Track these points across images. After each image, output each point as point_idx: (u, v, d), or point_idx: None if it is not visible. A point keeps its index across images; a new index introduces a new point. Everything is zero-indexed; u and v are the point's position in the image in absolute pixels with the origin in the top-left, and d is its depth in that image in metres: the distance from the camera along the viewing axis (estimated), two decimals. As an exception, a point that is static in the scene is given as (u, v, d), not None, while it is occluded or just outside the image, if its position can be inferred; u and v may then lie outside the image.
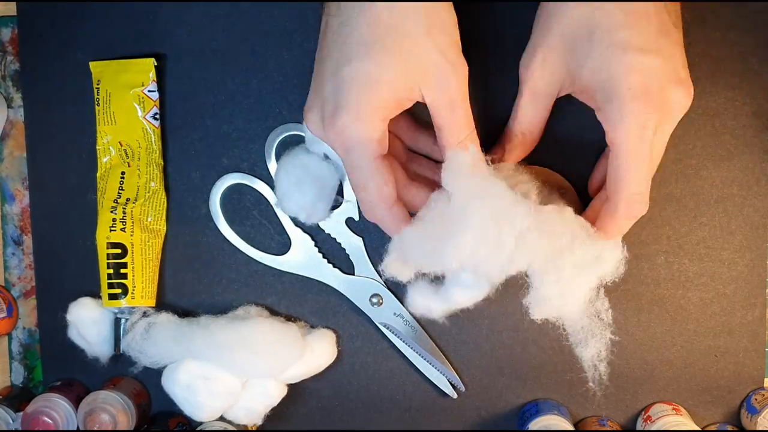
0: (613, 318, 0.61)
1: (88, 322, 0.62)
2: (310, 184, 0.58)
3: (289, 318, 0.63)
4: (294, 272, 0.63)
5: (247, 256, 0.63)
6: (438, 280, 0.57)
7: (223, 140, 0.63)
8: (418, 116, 0.58)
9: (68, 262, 0.64)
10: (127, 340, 0.60)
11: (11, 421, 0.61)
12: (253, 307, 0.63)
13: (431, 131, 0.52)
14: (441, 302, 0.58)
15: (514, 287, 0.54)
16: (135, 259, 0.60)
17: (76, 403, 0.62)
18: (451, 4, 0.49)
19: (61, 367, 0.65)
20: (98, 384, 0.64)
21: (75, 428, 0.61)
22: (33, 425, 0.61)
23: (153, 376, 0.61)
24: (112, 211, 0.60)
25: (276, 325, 0.61)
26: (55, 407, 0.61)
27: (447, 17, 0.49)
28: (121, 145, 0.61)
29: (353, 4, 0.47)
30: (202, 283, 0.64)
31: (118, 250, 0.60)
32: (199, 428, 0.62)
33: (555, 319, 0.53)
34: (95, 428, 0.60)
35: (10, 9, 0.63)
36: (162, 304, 0.63)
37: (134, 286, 0.60)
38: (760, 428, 0.60)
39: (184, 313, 0.63)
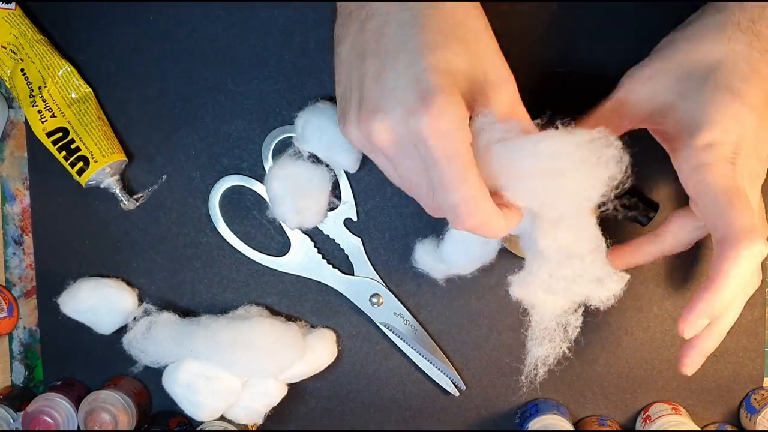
0: (613, 318, 0.61)
1: (83, 297, 0.62)
2: (299, 192, 0.59)
3: (290, 318, 0.63)
4: (294, 273, 0.63)
5: (247, 256, 0.63)
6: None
7: (223, 140, 0.63)
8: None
9: (68, 262, 0.64)
10: (129, 338, 0.61)
11: (12, 421, 0.61)
12: (253, 307, 0.63)
13: None
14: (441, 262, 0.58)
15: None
16: (78, 131, 0.61)
17: (76, 402, 0.62)
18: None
19: (62, 367, 0.65)
20: (99, 384, 0.64)
21: (75, 428, 0.62)
22: (34, 425, 0.61)
23: (153, 375, 0.61)
24: (33, 105, 0.61)
25: (276, 325, 0.61)
26: (56, 407, 0.61)
27: (488, 22, 0.49)
28: (4, 48, 0.61)
29: (404, 11, 0.46)
30: (202, 283, 0.64)
31: (60, 134, 0.60)
32: (199, 428, 0.62)
33: (526, 305, 0.51)
34: (96, 428, 0.60)
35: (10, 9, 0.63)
36: (162, 304, 0.63)
37: (90, 152, 0.60)
38: (760, 428, 0.60)
39: (185, 313, 0.63)
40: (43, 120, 0.60)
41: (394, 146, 0.45)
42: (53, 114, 0.60)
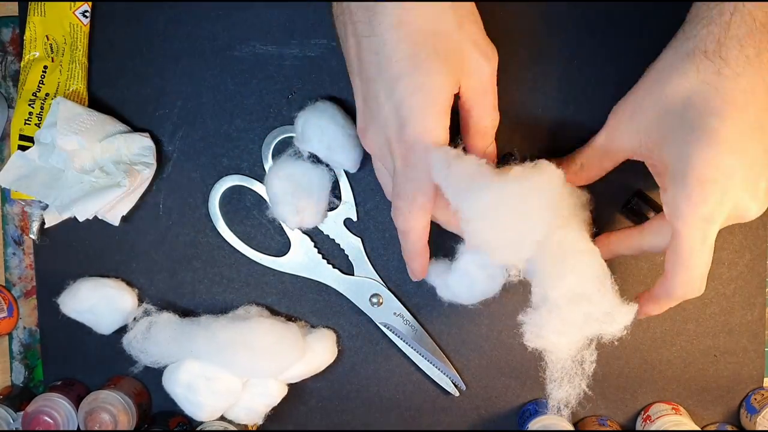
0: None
1: (83, 297, 0.62)
2: (299, 192, 0.59)
3: (290, 318, 0.63)
4: (294, 273, 0.63)
5: (247, 256, 0.63)
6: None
7: (223, 140, 0.63)
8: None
9: (69, 262, 0.64)
10: (128, 338, 0.61)
11: (12, 421, 0.61)
12: (253, 307, 0.63)
13: None
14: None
15: (514, 287, 0.54)
16: None
17: (76, 402, 0.62)
18: None
19: (62, 367, 0.65)
20: (99, 384, 0.64)
21: (75, 428, 0.62)
22: (33, 425, 0.61)
23: (154, 375, 0.61)
24: (29, 104, 0.60)
25: (276, 325, 0.61)
26: (56, 407, 0.61)
27: (471, 7, 0.50)
28: (47, 38, 0.61)
29: (385, 19, 0.47)
30: (202, 283, 0.64)
31: (30, 144, 0.60)
32: (199, 428, 0.62)
33: (542, 350, 0.52)
34: (96, 428, 0.60)
35: (11, 9, 0.63)
36: (162, 304, 0.63)
37: None
38: (760, 428, 0.60)
39: (185, 313, 0.63)
40: (27, 122, 0.60)
41: (379, 158, 0.53)
42: (39, 124, 0.60)
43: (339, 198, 0.62)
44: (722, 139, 0.46)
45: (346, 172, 0.62)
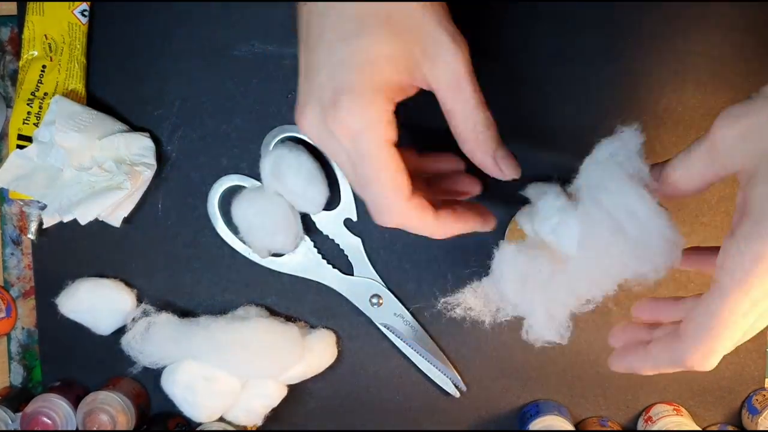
0: (614, 319, 0.61)
1: (82, 297, 0.62)
2: (267, 225, 0.59)
3: (289, 318, 0.63)
4: (294, 273, 0.63)
5: (246, 257, 0.63)
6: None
7: (223, 140, 0.63)
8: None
9: (68, 263, 0.64)
10: (127, 339, 0.60)
11: (10, 422, 0.61)
12: (253, 308, 0.63)
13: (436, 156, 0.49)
14: None
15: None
16: None
17: (75, 403, 0.62)
18: None
19: (61, 368, 0.65)
20: (97, 384, 0.64)
21: (74, 429, 0.61)
22: (32, 425, 0.61)
23: (152, 376, 0.61)
24: (28, 104, 0.60)
25: (276, 326, 0.60)
26: (55, 407, 0.61)
27: None
28: (46, 37, 0.61)
29: None
30: (201, 283, 0.64)
31: (29, 144, 0.60)
32: (198, 429, 0.62)
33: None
34: (94, 428, 0.60)
35: (10, 9, 0.63)
36: (161, 305, 0.63)
37: None
38: (761, 429, 0.60)
39: (184, 313, 0.63)
40: (25, 122, 0.60)
41: (320, 141, 0.45)
42: (37, 123, 0.60)
43: (339, 198, 0.62)
44: None
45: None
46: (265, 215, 0.59)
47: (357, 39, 0.42)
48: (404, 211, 0.45)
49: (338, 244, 0.62)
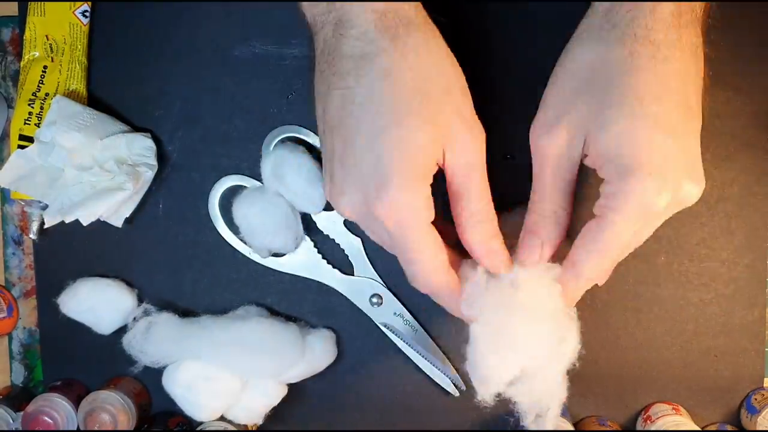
0: (612, 317, 0.61)
1: (83, 297, 0.62)
2: (267, 226, 0.59)
3: (290, 318, 0.63)
4: (294, 273, 0.63)
5: (247, 256, 0.63)
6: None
7: (224, 140, 0.63)
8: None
9: (69, 262, 0.64)
10: (128, 338, 0.61)
11: (11, 421, 0.61)
12: (253, 307, 0.63)
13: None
14: None
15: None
16: None
17: (76, 402, 0.62)
18: (459, 67, 0.48)
19: (62, 367, 0.65)
20: (98, 384, 0.64)
21: (75, 428, 0.62)
22: (33, 425, 0.61)
23: (153, 375, 0.61)
24: (29, 104, 0.60)
25: (276, 325, 0.61)
26: (56, 407, 0.61)
27: (460, 77, 0.48)
28: (47, 38, 0.61)
29: (372, 71, 0.45)
30: (202, 283, 0.64)
31: (29, 143, 0.60)
32: (199, 428, 0.62)
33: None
34: (95, 428, 0.60)
35: (12, 10, 0.63)
36: (162, 304, 0.63)
37: None
38: (760, 428, 0.60)
39: (184, 313, 0.63)
40: (27, 122, 0.60)
41: (360, 221, 0.49)
42: (38, 124, 0.60)
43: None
44: (663, 125, 0.44)
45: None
46: (266, 215, 0.59)
47: (396, 130, 0.45)
48: (440, 285, 0.49)
49: (338, 244, 0.62)
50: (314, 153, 0.60)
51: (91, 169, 0.59)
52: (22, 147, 0.59)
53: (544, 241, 0.49)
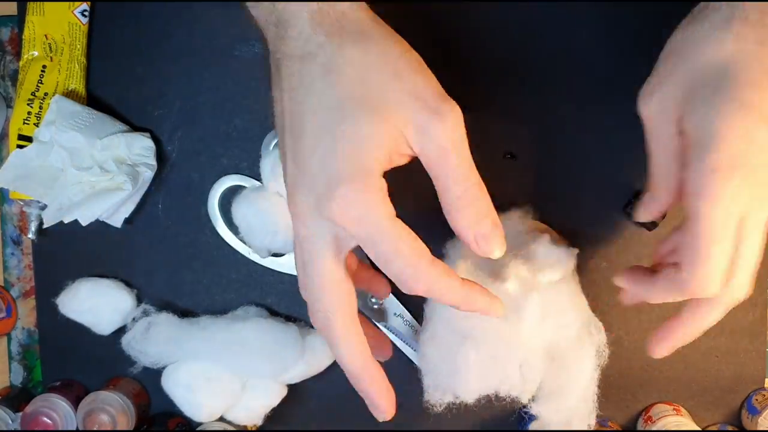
0: (614, 318, 0.61)
1: (82, 297, 0.62)
2: (266, 225, 0.59)
3: (289, 318, 0.63)
4: (294, 273, 0.63)
5: (246, 257, 0.63)
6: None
7: (223, 140, 0.63)
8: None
9: (68, 262, 0.64)
10: (128, 339, 0.61)
11: (10, 422, 0.61)
12: (253, 308, 0.63)
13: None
14: None
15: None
16: None
17: (75, 403, 0.62)
18: (411, 48, 0.45)
19: (61, 368, 0.65)
20: (98, 384, 0.64)
21: (74, 429, 0.61)
22: (32, 425, 0.61)
23: (153, 376, 0.61)
24: (28, 104, 0.60)
25: (276, 326, 0.60)
26: (55, 407, 0.61)
27: (412, 59, 0.44)
28: (46, 38, 0.61)
29: (313, 69, 0.43)
30: (201, 284, 0.64)
31: (28, 143, 0.59)
32: (198, 429, 0.62)
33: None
34: (95, 429, 0.60)
35: (11, 9, 0.63)
36: (161, 305, 0.63)
37: None
38: (761, 429, 0.60)
39: (184, 313, 0.63)
40: (26, 122, 0.60)
41: (314, 226, 0.45)
42: (37, 123, 0.60)
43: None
44: (758, 112, 0.42)
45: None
46: (266, 215, 0.59)
47: (339, 125, 0.43)
48: (431, 275, 0.44)
49: (338, 244, 0.62)
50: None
51: (90, 169, 0.59)
52: (21, 147, 0.59)
53: (656, 199, 0.49)
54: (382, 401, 0.48)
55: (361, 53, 0.43)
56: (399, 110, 0.43)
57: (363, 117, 0.43)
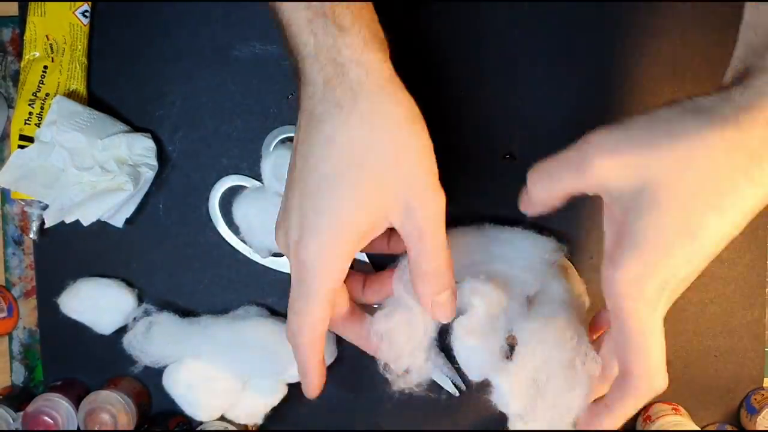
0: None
1: (83, 297, 0.62)
2: (270, 224, 0.59)
3: (289, 318, 0.63)
4: (294, 273, 0.63)
5: (247, 256, 0.63)
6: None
7: (224, 140, 0.63)
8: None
9: (69, 262, 0.64)
10: (128, 338, 0.61)
11: (12, 421, 0.61)
12: (253, 307, 0.63)
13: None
14: None
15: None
16: None
17: (76, 402, 0.62)
18: (424, 129, 0.45)
19: (62, 367, 0.65)
20: (99, 384, 0.64)
21: (75, 428, 0.62)
22: (33, 425, 0.61)
23: (153, 375, 0.61)
24: (30, 104, 0.60)
25: (276, 325, 0.61)
26: (56, 407, 0.61)
27: (418, 143, 0.45)
28: (47, 38, 0.61)
29: (321, 132, 0.44)
30: (202, 283, 0.64)
31: (29, 143, 0.60)
32: (199, 428, 0.62)
33: None
34: (96, 428, 0.60)
35: (12, 10, 0.63)
36: (162, 304, 0.63)
37: None
38: (760, 428, 0.60)
39: (184, 313, 0.63)
40: (27, 122, 0.60)
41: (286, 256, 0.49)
42: (39, 124, 0.60)
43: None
44: (713, 231, 0.41)
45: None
46: (266, 215, 0.59)
47: (323, 199, 0.45)
48: (303, 347, 0.50)
49: (338, 244, 0.62)
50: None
51: (91, 170, 0.59)
52: (22, 147, 0.60)
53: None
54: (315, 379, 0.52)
55: (366, 132, 0.44)
56: (388, 195, 0.45)
57: (347, 197, 0.45)
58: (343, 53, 0.43)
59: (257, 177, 0.62)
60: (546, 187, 0.46)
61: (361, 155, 0.44)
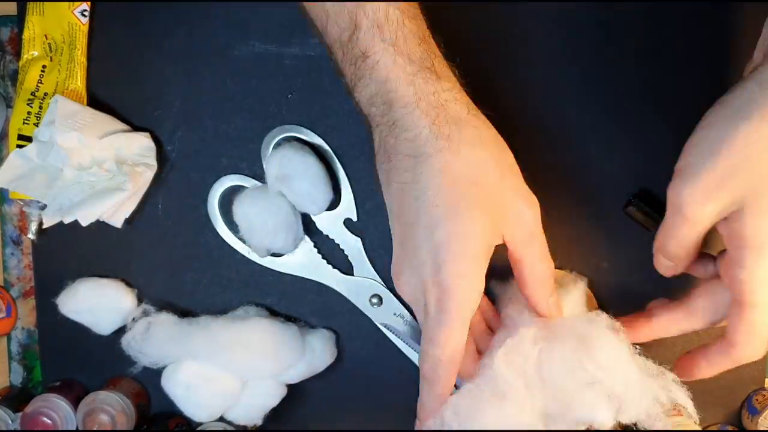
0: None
1: (82, 297, 0.62)
2: (267, 225, 0.59)
3: (289, 318, 0.63)
4: (293, 273, 0.63)
5: (246, 257, 0.63)
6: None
7: (223, 140, 0.63)
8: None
9: (67, 262, 0.64)
10: (127, 339, 0.60)
11: (10, 422, 0.61)
12: (252, 308, 0.63)
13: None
14: None
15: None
16: None
17: (75, 403, 0.62)
18: (504, 143, 0.51)
19: (61, 368, 0.65)
20: (97, 384, 0.64)
21: (74, 429, 0.61)
22: (32, 425, 0.61)
23: (152, 376, 0.61)
24: (28, 104, 0.60)
25: (276, 326, 0.60)
26: (55, 408, 0.61)
27: (510, 158, 0.51)
28: (46, 38, 0.61)
29: (428, 168, 0.48)
30: (201, 283, 0.64)
31: (28, 143, 0.59)
32: (198, 429, 0.62)
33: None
34: (94, 429, 0.60)
35: (10, 9, 0.63)
36: (161, 305, 0.63)
37: None
38: (761, 429, 0.60)
39: (184, 313, 0.63)
40: (25, 122, 0.60)
41: (413, 303, 0.52)
42: (37, 124, 0.60)
43: (339, 197, 0.62)
44: None
45: (346, 172, 0.62)
46: (267, 215, 0.59)
47: (450, 224, 0.48)
48: (444, 378, 0.52)
49: (338, 244, 0.62)
50: (319, 155, 0.60)
51: (90, 169, 0.59)
52: (20, 146, 0.59)
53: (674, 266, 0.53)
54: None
55: (474, 155, 0.49)
56: (503, 207, 0.50)
57: (475, 216, 0.48)
58: (441, 96, 0.48)
59: (257, 177, 0.62)
60: (674, 269, 0.53)
61: (475, 175, 0.48)
